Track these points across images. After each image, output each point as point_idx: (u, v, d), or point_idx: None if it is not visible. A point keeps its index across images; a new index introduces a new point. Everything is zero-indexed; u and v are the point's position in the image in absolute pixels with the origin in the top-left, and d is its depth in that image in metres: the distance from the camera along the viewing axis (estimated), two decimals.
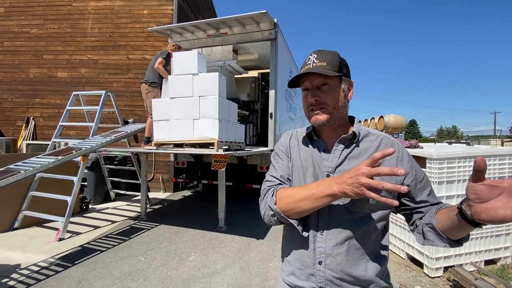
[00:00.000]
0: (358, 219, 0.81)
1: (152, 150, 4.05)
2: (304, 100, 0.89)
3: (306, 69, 0.84)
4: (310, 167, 0.90)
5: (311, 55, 0.85)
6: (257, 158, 4.93)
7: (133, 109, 6.46)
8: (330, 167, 0.85)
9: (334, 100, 0.84)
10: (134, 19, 6.48)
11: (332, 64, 0.82)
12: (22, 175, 2.89)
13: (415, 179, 0.83)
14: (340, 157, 0.86)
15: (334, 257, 0.81)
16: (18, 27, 6.87)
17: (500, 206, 0.56)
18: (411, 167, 0.84)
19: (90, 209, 4.86)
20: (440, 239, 0.75)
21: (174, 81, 3.96)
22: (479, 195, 0.59)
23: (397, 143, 0.87)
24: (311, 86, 0.85)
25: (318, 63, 0.82)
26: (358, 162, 0.81)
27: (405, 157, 0.85)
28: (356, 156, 0.85)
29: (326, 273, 0.81)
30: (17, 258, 2.92)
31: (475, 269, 2.71)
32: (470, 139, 26.84)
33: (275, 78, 4.71)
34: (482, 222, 0.61)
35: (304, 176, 0.90)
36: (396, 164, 0.83)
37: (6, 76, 6.90)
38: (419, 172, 0.85)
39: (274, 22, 4.49)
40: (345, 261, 0.80)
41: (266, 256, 3.12)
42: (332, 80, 0.83)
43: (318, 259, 0.82)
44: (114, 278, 2.59)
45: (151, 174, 6.46)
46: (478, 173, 0.58)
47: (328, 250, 0.81)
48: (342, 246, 0.81)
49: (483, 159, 0.57)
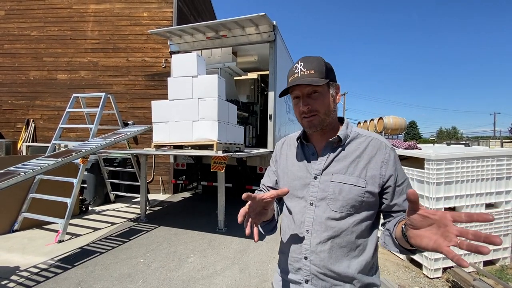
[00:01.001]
0: (342, 219, 0.85)
1: (152, 152, 4.06)
2: (296, 108, 0.92)
3: (294, 78, 0.87)
4: (300, 170, 0.95)
5: (297, 63, 0.88)
6: (257, 160, 4.94)
7: (133, 111, 6.48)
8: (318, 169, 0.90)
9: (324, 106, 0.87)
10: (134, 22, 6.52)
11: (319, 72, 0.85)
12: (22, 177, 2.90)
13: (396, 182, 0.86)
14: (327, 160, 0.89)
15: (318, 254, 0.86)
16: (18, 30, 6.90)
17: (426, 235, 0.61)
18: (395, 170, 0.86)
19: (90, 211, 4.86)
20: (394, 245, 0.80)
21: (173, 83, 3.98)
22: (412, 222, 0.64)
23: (385, 145, 0.89)
24: (301, 95, 0.88)
25: (306, 71, 0.85)
26: (344, 165, 0.87)
27: (391, 160, 0.87)
28: (342, 158, 0.88)
29: (311, 268, 0.87)
30: (17, 260, 2.92)
31: (474, 270, 2.71)
32: (470, 140, 26.86)
33: (274, 80, 4.73)
34: (412, 246, 0.68)
35: (292, 179, 0.96)
36: (381, 167, 0.85)
37: (6, 78, 6.92)
38: (400, 176, 0.87)
39: (273, 24, 4.52)
40: (328, 258, 0.84)
41: (266, 257, 3.12)
42: (321, 88, 0.86)
43: (304, 254, 0.88)
44: (113, 279, 2.59)
45: (151, 176, 6.47)
46: (411, 203, 0.62)
47: (312, 248, 0.86)
48: (325, 244, 0.85)
49: (414, 192, 0.60)
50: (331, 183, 0.87)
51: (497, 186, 2.81)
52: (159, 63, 6.38)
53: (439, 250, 0.57)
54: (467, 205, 2.73)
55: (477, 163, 2.73)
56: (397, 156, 0.89)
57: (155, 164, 6.50)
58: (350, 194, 0.84)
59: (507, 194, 2.86)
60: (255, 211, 0.80)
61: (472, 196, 2.74)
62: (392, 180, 0.85)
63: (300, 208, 0.91)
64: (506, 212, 2.84)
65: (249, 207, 0.77)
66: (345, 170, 0.87)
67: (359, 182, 0.84)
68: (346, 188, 0.84)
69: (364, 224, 0.86)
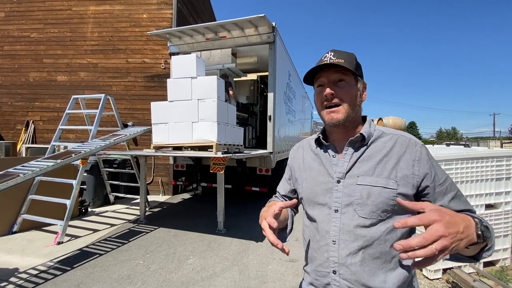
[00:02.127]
0: (373, 226, 0.76)
1: (151, 153, 4.06)
2: (318, 97, 0.84)
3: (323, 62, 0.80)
4: (320, 175, 0.86)
5: (327, 53, 0.81)
6: (256, 161, 4.93)
7: (133, 113, 6.48)
8: (341, 172, 0.81)
9: (350, 97, 0.80)
10: (134, 23, 6.53)
11: (349, 62, 0.79)
12: (21, 179, 2.89)
13: (434, 181, 0.76)
14: (350, 161, 0.81)
15: (348, 267, 0.76)
16: (18, 31, 6.91)
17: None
18: (430, 167, 0.77)
19: (89, 213, 4.86)
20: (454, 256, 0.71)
21: (173, 84, 3.98)
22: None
23: (415, 142, 0.80)
24: (327, 81, 0.81)
25: (335, 60, 0.78)
26: (370, 165, 0.78)
27: (423, 158, 0.77)
28: (367, 158, 0.80)
29: (341, 283, 0.77)
30: (16, 261, 2.92)
31: (474, 271, 2.71)
32: (470, 141, 26.88)
33: (273, 81, 4.73)
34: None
35: (312, 185, 0.87)
36: (413, 166, 0.76)
37: (6, 80, 6.93)
38: (440, 174, 0.77)
39: (273, 25, 4.53)
40: (360, 271, 0.75)
41: (265, 258, 3.12)
42: (349, 77, 0.80)
43: (332, 268, 0.79)
44: (112, 281, 2.58)
45: (151, 177, 6.46)
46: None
47: (342, 260, 0.77)
48: (356, 256, 0.76)
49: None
50: (357, 186, 0.77)
51: (496, 187, 2.81)
52: (159, 64, 6.39)
53: None
54: None
55: (476, 163, 2.73)
56: (430, 153, 0.80)
57: (154, 165, 6.49)
58: (380, 198, 0.74)
59: (506, 194, 2.85)
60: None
61: (471, 197, 2.74)
62: (428, 179, 0.76)
63: (323, 216, 0.82)
64: (505, 213, 2.84)
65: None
66: (372, 171, 0.78)
67: (389, 184, 0.75)
68: (375, 191, 0.75)
69: (400, 232, 0.76)
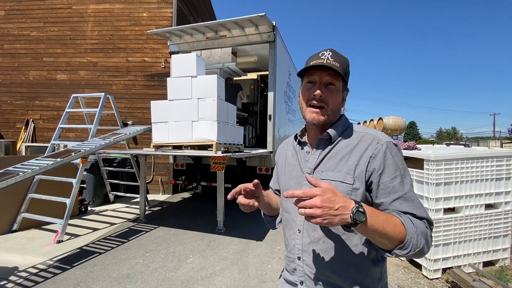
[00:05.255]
0: None
1: (151, 152, 4.05)
2: (306, 92, 0.87)
3: (320, 62, 0.82)
4: (294, 170, 0.94)
5: (325, 50, 0.84)
6: (256, 160, 4.93)
7: (133, 111, 6.48)
8: (309, 168, 0.88)
9: (335, 102, 0.85)
10: (134, 22, 6.52)
11: (343, 69, 0.82)
12: (21, 177, 2.89)
13: (379, 177, 0.78)
14: (319, 158, 0.87)
15: (310, 253, 0.84)
16: (18, 30, 6.90)
17: None
18: (381, 164, 0.78)
19: (89, 211, 4.86)
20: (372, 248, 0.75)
21: (173, 83, 3.98)
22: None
23: (378, 139, 0.81)
24: (319, 81, 0.84)
25: (332, 61, 0.81)
26: (334, 162, 0.84)
27: (380, 154, 0.78)
28: (333, 155, 0.85)
29: (304, 268, 0.86)
30: (16, 260, 2.92)
31: (473, 270, 2.71)
32: (470, 141, 26.86)
33: (274, 80, 4.73)
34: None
35: (287, 178, 0.96)
36: (368, 162, 0.79)
37: (6, 79, 6.92)
38: (389, 172, 0.77)
39: (273, 24, 4.51)
40: (320, 259, 0.82)
41: (265, 258, 3.12)
42: (339, 82, 0.84)
43: (297, 255, 0.88)
44: (112, 280, 2.58)
45: (150, 176, 6.46)
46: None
47: (304, 247, 0.86)
48: (316, 244, 0.84)
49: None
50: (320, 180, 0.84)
51: (496, 187, 2.81)
52: (159, 63, 6.38)
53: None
54: (467, 205, 2.73)
55: (476, 163, 2.73)
56: (394, 152, 0.79)
57: (154, 164, 6.49)
58: None
59: (506, 194, 2.86)
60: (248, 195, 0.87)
61: (471, 197, 2.74)
62: (374, 175, 0.78)
63: (293, 208, 0.85)
64: (505, 212, 2.84)
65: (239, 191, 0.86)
66: (334, 167, 0.83)
67: (346, 179, 0.80)
68: (334, 185, 0.76)
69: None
